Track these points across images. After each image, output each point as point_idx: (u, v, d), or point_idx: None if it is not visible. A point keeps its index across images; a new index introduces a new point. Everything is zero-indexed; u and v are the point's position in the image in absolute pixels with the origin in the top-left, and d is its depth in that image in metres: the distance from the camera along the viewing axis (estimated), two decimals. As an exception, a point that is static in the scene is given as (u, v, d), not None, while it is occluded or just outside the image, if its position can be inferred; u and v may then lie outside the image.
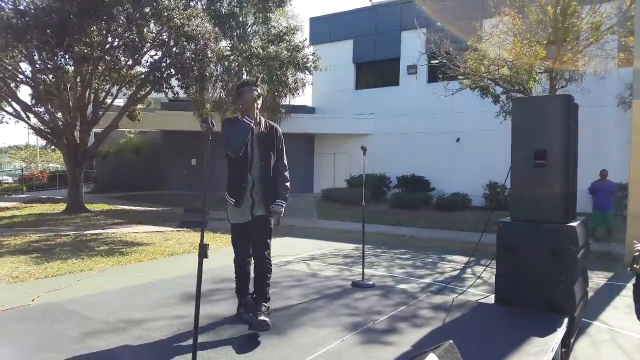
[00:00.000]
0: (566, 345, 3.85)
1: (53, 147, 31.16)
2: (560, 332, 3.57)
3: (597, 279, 7.17)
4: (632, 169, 8.57)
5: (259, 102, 3.81)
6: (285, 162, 3.99)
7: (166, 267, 7.34)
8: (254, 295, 3.84)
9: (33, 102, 16.80)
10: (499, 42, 12.18)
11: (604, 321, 5.18)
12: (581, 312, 4.43)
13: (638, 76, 8.60)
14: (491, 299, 4.71)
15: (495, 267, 4.44)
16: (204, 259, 2.60)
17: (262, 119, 3.93)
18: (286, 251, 8.98)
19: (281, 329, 3.64)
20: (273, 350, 3.23)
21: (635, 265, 2.05)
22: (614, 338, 4.61)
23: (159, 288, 5.05)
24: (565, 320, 3.76)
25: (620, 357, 4.16)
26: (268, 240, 3.86)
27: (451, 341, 2.22)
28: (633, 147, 8.54)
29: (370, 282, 5.20)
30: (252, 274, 3.91)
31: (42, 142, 42.20)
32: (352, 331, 3.61)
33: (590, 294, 5.73)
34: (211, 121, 2.64)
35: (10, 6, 13.04)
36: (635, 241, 2.30)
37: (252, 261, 3.90)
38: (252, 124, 3.69)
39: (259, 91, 3.83)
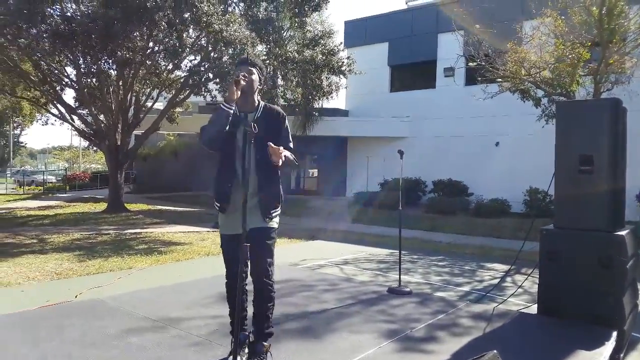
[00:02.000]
0: (615, 359, 3.69)
1: (95, 148, 32.32)
2: (609, 346, 3.43)
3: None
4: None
5: (256, 84, 3.09)
6: (291, 146, 3.15)
7: (203, 266, 7.44)
8: (251, 332, 3.17)
9: (77, 105, 17.44)
10: (540, 44, 11.84)
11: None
12: (631, 326, 4.22)
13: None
14: (533, 309, 4.57)
15: (537, 276, 4.30)
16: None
17: (262, 102, 3.21)
18: (319, 254, 8.97)
19: (317, 333, 3.63)
20: (310, 354, 3.23)
21: None
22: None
23: (197, 287, 5.15)
24: (614, 334, 3.60)
25: (672, 373, 3.96)
26: (269, 260, 3.05)
27: (495, 351, 2.16)
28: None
29: (407, 289, 5.13)
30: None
31: (85, 143, 43.73)
32: (389, 338, 3.57)
33: None
34: (254, 125, 2.58)
35: (57, 13, 13.57)
36: None
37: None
38: (229, 110, 2.91)
39: (255, 71, 3.09)
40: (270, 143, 2.79)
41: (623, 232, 4.00)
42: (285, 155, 2.87)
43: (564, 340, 3.50)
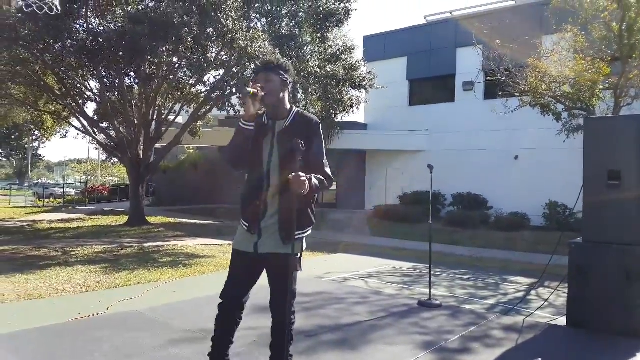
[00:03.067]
0: (646, 372, 3.75)
1: (113, 161, 32.75)
2: (639, 357, 3.51)
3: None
4: None
5: (279, 88, 2.73)
6: (328, 171, 2.75)
7: (229, 279, 7.55)
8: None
9: (98, 119, 17.78)
10: (560, 59, 11.93)
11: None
12: (661, 339, 4.28)
13: None
14: (561, 322, 4.63)
15: (563, 289, 4.38)
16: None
17: (296, 109, 2.81)
18: (342, 267, 9.05)
19: (354, 345, 3.75)
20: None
21: None
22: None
23: (230, 300, 5.26)
24: (645, 346, 3.68)
25: None
26: (292, 288, 2.70)
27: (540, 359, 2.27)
28: None
29: (438, 302, 5.23)
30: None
31: (103, 156, 44.38)
32: (425, 349, 3.68)
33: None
34: (301, 143, 2.56)
35: (83, 28, 13.97)
36: None
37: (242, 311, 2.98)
38: (250, 129, 2.69)
39: (273, 76, 2.71)
40: (293, 174, 2.44)
41: (652, 247, 4.08)
42: (311, 184, 2.50)
43: (594, 352, 3.58)
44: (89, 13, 13.91)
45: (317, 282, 6.53)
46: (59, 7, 4.29)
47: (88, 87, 17.25)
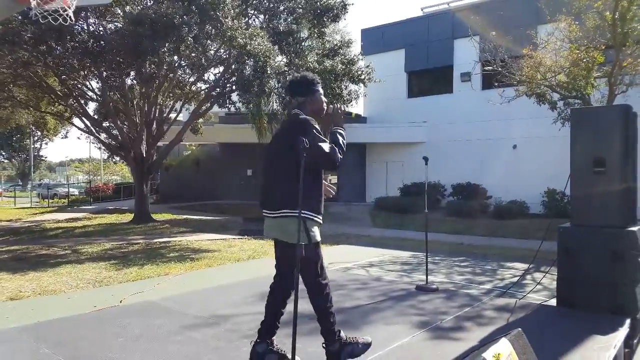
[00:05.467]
0: (629, 345, 4.00)
1: (115, 159, 32.90)
2: (623, 331, 3.75)
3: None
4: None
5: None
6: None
7: (235, 271, 7.82)
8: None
9: (100, 118, 17.97)
10: (555, 49, 12.11)
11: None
12: (644, 315, 4.53)
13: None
14: (553, 303, 4.88)
15: (555, 272, 4.63)
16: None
17: None
18: (344, 258, 9.33)
19: (355, 325, 4.00)
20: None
21: None
22: (680, 341, 4.66)
23: (238, 289, 5.55)
24: (628, 321, 3.93)
25: (684, 359, 4.25)
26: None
27: (520, 329, 2.52)
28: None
29: (434, 286, 5.49)
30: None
31: (105, 155, 44.56)
32: (421, 328, 3.94)
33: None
34: (306, 141, 2.78)
35: (85, 30, 14.16)
36: None
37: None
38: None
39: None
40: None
41: (635, 228, 4.32)
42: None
43: (581, 328, 3.82)
44: (88, 14, 14.09)
45: (321, 272, 6.79)
46: (73, 19, 4.46)
47: (90, 87, 17.47)
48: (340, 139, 3.17)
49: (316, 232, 3.13)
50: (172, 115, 19.17)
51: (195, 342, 3.66)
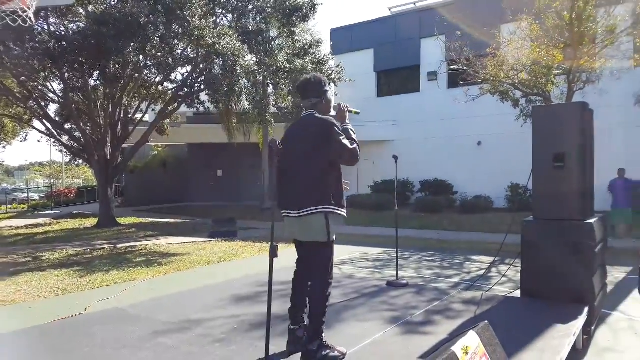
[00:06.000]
0: (587, 332, 4.20)
1: (77, 162, 31.96)
2: (581, 319, 3.93)
3: (617, 273, 7.46)
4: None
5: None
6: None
7: (206, 275, 7.68)
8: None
9: (62, 120, 17.44)
10: (517, 48, 12.47)
11: (623, 311, 5.51)
12: (601, 302, 4.76)
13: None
14: (517, 294, 5.06)
15: (519, 264, 4.80)
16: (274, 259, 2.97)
17: None
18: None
19: (329, 323, 4.00)
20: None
21: None
22: (632, 326, 4.93)
23: (209, 292, 5.48)
24: (586, 309, 4.12)
25: (637, 342, 4.50)
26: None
27: (486, 321, 2.62)
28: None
29: (404, 281, 5.61)
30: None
31: (67, 159, 43.28)
32: (392, 324, 4.03)
33: (610, 287, 6.05)
34: (278, 142, 2.89)
35: (46, 30, 13.72)
36: None
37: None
38: None
39: None
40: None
41: (592, 221, 4.52)
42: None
43: (544, 317, 3.98)
44: (49, 13, 13.67)
45: (293, 272, 6.82)
46: (33, 20, 4.32)
47: (51, 88, 16.91)
48: (353, 134, 3.36)
49: (334, 228, 3.25)
50: (138, 116, 18.82)
51: (167, 348, 3.60)
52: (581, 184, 4.63)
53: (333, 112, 3.56)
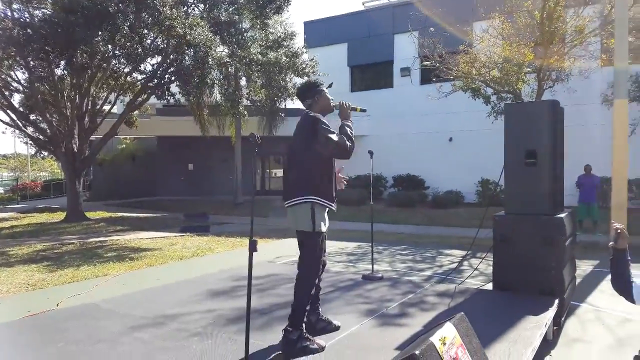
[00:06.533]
0: (557, 323, 4.33)
1: (43, 155, 31.01)
2: (552, 311, 4.05)
3: (585, 266, 7.71)
4: (614, 163, 9.09)
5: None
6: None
7: (179, 270, 7.62)
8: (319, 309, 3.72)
9: (27, 111, 16.87)
10: (489, 45, 12.69)
11: (591, 303, 5.70)
12: (570, 294, 4.91)
13: (618, 77, 9.12)
14: (489, 287, 5.17)
15: (491, 258, 4.90)
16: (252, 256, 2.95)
17: None
18: (292, 251, 9.31)
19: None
20: (302, 334, 3.63)
21: (612, 243, 2.50)
22: (600, 317, 5.11)
23: (184, 287, 5.41)
24: (556, 301, 4.24)
25: (604, 332, 4.67)
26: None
27: (462, 313, 2.67)
28: (614, 143, 9.06)
29: (379, 275, 5.65)
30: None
31: (32, 151, 41.95)
32: (368, 316, 4.06)
33: (578, 280, 6.23)
34: (258, 136, 2.90)
35: (9, 16, 13.23)
36: (613, 221, 2.75)
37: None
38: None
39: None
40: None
41: (562, 215, 4.65)
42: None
43: (515, 309, 4.08)
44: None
45: (269, 266, 6.82)
46: None
47: (15, 78, 16.37)
48: (348, 130, 3.55)
49: (320, 219, 3.38)
50: (106, 108, 18.34)
51: (143, 343, 3.55)
52: (551, 180, 4.75)
53: (337, 111, 3.78)
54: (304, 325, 3.36)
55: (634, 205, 14.77)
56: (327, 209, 3.46)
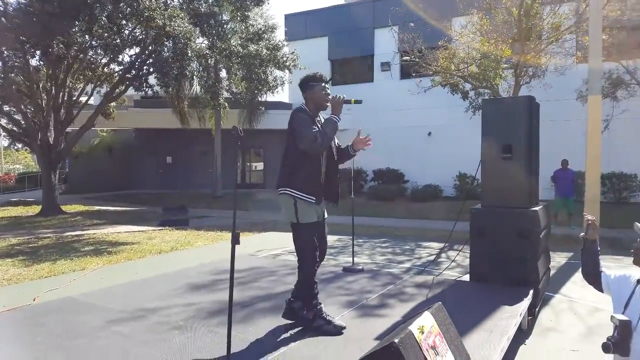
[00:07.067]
0: (532, 313, 4.46)
1: (17, 147, 30.27)
2: (526, 301, 4.17)
3: (559, 259, 7.92)
4: (587, 158, 9.35)
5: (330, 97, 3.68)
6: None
7: (158, 264, 7.56)
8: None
9: (1, 102, 16.47)
10: (467, 41, 12.85)
11: (565, 293, 5.88)
12: (544, 285, 5.06)
13: (592, 74, 9.36)
14: (467, 279, 5.29)
15: (468, 250, 5.01)
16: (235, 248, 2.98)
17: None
18: (273, 245, 9.42)
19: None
20: (283, 328, 3.67)
21: (582, 234, 2.59)
22: (572, 307, 5.29)
23: (164, 281, 5.39)
24: (531, 292, 4.37)
25: (576, 321, 4.84)
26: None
27: (440, 303, 2.74)
28: (588, 138, 9.31)
29: (360, 267, 5.74)
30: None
31: (5, 143, 40.90)
32: (349, 308, 4.13)
33: (553, 271, 6.42)
34: (240, 129, 2.93)
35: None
36: (585, 213, 2.85)
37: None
38: (338, 122, 3.59)
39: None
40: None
41: (537, 208, 4.78)
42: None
43: (491, 299, 4.19)
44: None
45: (251, 259, 6.84)
46: None
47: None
48: (328, 125, 3.53)
49: (304, 212, 3.47)
50: (83, 99, 18.00)
51: (123, 337, 3.55)
52: (527, 174, 4.86)
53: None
54: (321, 305, 3.55)
55: (607, 199, 15.22)
56: (311, 201, 3.50)
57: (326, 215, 3.75)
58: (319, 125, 3.58)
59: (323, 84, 3.67)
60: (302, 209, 3.47)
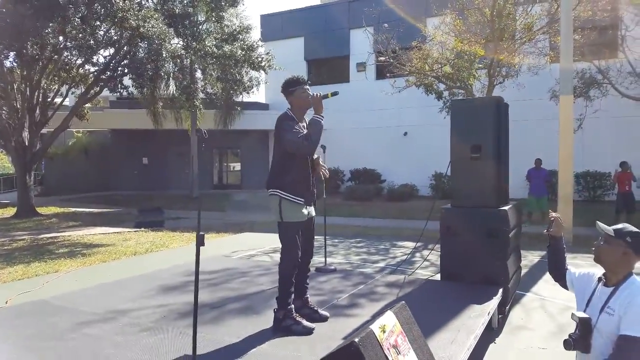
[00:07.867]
0: (502, 311, 4.54)
1: (-5, 149, 29.56)
2: (496, 300, 4.24)
3: (532, 257, 8.05)
4: (560, 157, 9.55)
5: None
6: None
7: (133, 265, 7.54)
8: (306, 296, 3.88)
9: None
10: (441, 42, 12.99)
11: (536, 292, 5.99)
12: (515, 284, 5.15)
13: (564, 75, 9.57)
14: (438, 278, 5.35)
15: (440, 249, 5.07)
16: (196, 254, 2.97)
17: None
18: (248, 245, 9.40)
19: (258, 310, 4.12)
20: (253, 327, 3.68)
21: (548, 230, 2.62)
22: (543, 305, 5.40)
23: (136, 283, 5.35)
24: (500, 290, 4.43)
25: (546, 319, 4.95)
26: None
27: (404, 302, 2.78)
28: (560, 138, 9.52)
29: (332, 267, 5.76)
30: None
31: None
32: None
33: (525, 270, 6.53)
34: (204, 131, 2.96)
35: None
36: (550, 210, 2.89)
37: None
38: (323, 120, 3.67)
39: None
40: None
41: (506, 208, 4.85)
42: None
43: (461, 298, 4.25)
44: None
45: (224, 260, 6.80)
46: None
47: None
48: (313, 127, 3.63)
49: (288, 211, 3.55)
50: (58, 100, 17.71)
51: (94, 338, 3.54)
52: (496, 173, 4.94)
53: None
54: (292, 306, 3.58)
55: (582, 198, 15.56)
56: (298, 202, 3.59)
57: (313, 213, 3.80)
58: (306, 128, 3.69)
59: (303, 86, 3.76)
60: (285, 208, 3.55)
